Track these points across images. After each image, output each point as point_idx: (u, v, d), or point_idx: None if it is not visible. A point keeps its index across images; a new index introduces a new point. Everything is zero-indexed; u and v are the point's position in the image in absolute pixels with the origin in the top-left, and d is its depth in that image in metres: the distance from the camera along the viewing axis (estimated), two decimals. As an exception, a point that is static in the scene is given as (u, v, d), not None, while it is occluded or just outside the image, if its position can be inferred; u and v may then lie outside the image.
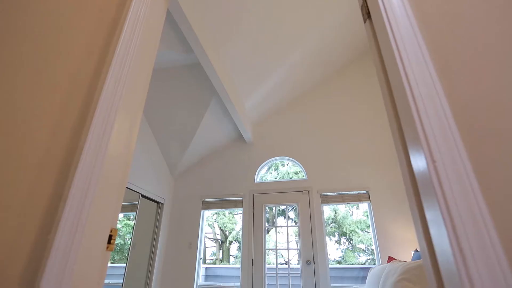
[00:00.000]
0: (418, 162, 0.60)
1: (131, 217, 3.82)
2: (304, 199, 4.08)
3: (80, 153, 0.73)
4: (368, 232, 7.79)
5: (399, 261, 2.20)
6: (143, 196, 3.96)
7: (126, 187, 3.63)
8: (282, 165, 8.62)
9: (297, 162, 4.39)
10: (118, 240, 3.82)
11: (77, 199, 0.67)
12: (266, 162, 4.54)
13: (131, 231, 3.72)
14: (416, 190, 0.62)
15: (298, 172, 7.69)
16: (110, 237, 0.73)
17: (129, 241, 3.70)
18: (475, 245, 0.48)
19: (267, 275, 3.86)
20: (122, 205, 3.16)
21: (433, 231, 0.56)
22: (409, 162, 0.65)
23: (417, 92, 0.63)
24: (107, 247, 0.72)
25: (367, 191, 3.91)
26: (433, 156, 0.56)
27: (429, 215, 0.57)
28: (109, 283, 3.55)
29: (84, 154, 0.72)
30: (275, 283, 3.81)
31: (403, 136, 0.68)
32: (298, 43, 3.77)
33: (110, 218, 0.73)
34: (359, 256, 7.96)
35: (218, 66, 3.14)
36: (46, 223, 0.68)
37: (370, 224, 3.87)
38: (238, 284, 3.94)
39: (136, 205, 3.81)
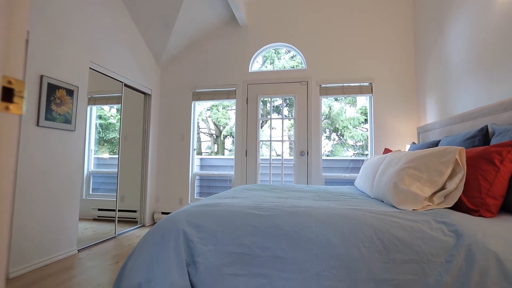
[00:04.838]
0: None
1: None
2: (302, 90, 3.79)
3: None
4: (358, 129, 7.93)
5: (401, 151, 2.09)
6: (126, 85, 3.64)
7: (107, 75, 3.25)
8: (278, 58, 7.98)
9: (296, 49, 3.90)
10: (114, 134, 3.72)
11: None
12: (262, 49, 4.03)
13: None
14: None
15: (295, 66, 7.17)
16: (10, 92, 0.44)
17: (123, 134, 3.62)
18: None
19: (261, 165, 3.93)
20: (108, 97, 2.82)
21: None
22: None
23: None
24: (6, 107, 0.43)
25: (370, 83, 3.62)
26: None
27: None
28: (107, 171, 3.65)
29: None
30: (268, 172, 3.92)
31: None
32: None
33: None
34: (347, 150, 8.34)
35: None
36: None
37: (368, 117, 3.73)
38: (232, 173, 4.05)
39: (120, 96, 3.54)
